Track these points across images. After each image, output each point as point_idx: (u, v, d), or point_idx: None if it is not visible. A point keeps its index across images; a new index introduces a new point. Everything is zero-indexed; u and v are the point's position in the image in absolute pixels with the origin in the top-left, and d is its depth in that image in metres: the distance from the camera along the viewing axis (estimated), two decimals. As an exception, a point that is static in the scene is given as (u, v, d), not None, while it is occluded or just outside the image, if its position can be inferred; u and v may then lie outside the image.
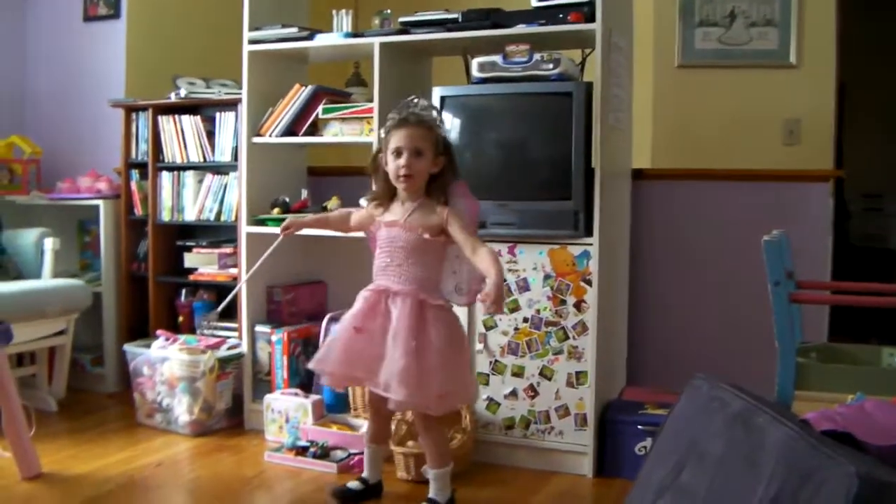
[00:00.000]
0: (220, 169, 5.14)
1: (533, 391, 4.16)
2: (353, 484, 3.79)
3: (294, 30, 4.60)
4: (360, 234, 3.82)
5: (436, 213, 3.47)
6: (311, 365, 3.67)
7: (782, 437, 2.13)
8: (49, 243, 5.18)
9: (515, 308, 4.16)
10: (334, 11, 4.59)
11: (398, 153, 3.43)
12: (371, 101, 4.45)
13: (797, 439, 2.09)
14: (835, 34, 4.93)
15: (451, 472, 3.66)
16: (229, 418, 4.80)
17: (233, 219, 5.02)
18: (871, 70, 8.02)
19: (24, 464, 3.98)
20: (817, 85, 4.93)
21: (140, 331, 5.34)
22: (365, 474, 3.83)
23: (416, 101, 3.53)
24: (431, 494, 3.61)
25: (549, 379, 4.12)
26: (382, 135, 3.57)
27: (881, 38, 8.15)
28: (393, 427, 4.09)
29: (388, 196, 3.57)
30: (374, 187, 3.67)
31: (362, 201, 4.42)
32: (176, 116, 5.22)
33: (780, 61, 4.98)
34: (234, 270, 4.99)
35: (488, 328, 4.21)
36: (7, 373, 3.94)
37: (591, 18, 3.99)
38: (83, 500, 3.74)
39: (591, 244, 4.01)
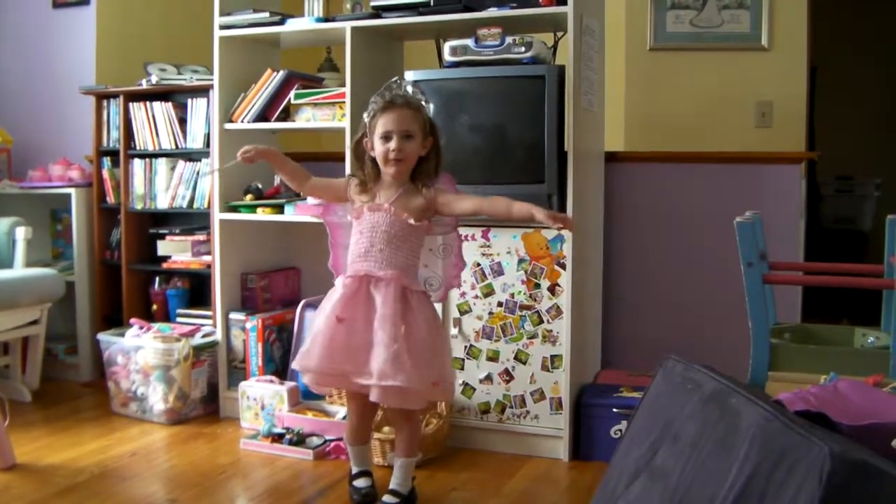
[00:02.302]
0: (192, 156, 5.11)
1: (508, 375, 4.16)
2: (362, 482, 3.67)
3: (265, 14, 4.57)
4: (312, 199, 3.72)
5: (421, 196, 3.43)
6: (294, 364, 3.58)
7: (756, 418, 2.14)
8: (21, 233, 5.15)
9: (490, 292, 4.16)
10: (305, -4, 4.58)
11: (387, 137, 3.37)
12: (343, 86, 4.44)
13: (771, 420, 2.09)
14: (806, 16, 4.94)
15: (416, 463, 3.63)
16: (204, 406, 4.79)
17: (206, 206, 4.99)
18: (842, 52, 8.05)
19: (-1, 454, 3.97)
20: (789, 67, 4.93)
21: (114, 319, 5.31)
22: (360, 468, 3.71)
23: (400, 82, 3.48)
24: (393, 485, 3.55)
25: (524, 363, 4.13)
26: (366, 118, 3.46)
27: (853, 19, 8.18)
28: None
29: (373, 181, 3.50)
30: (354, 172, 3.61)
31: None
32: (147, 103, 5.18)
33: (752, 44, 4.98)
34: (207, 258, 4.97)
35: (463, 313, 4.21)
36: (-20, 363, 3.92)
37: (563, 1, 3.98)
38: (58, 491, 3.73)
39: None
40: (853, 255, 7.24)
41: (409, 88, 3.47)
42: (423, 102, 3.48)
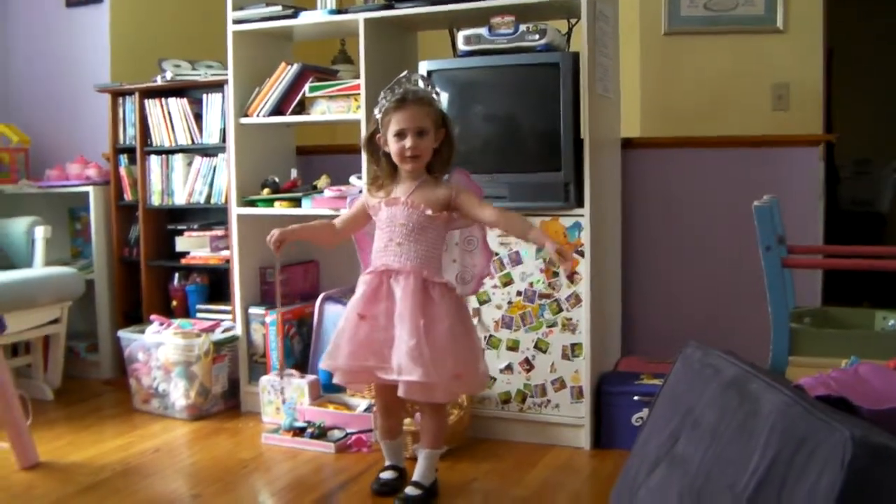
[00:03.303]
0: (208, 151, 5.11)
1: (528, 365, 4.15)
2: (388, 474, 3.68)
3: (278, 8, 4.57)
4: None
5: (441, 188, 3.43)
6: (321, 365, 3.57)
7: (777, 404, 2.13)
8: (40, 232, 5.16)
9: (508, 282, 4.15)
10: (318, -12, 4.57)
11: (401, 135, 3.36)
12: (357, 77, 4.43)
13: (792, 405, 2.09)
14: (821, -2, 4.92)
15: (440, 455, 3.63)
16: (226, 401, 4.80)
17: (223, 201, 4.99)
18: (859, 34, 8.00)
19: (22, 454, 3.97)
20: (805, 49, 4.91)
21: (134, 316, 5.32)
22: (391, 462, 3.72)
23: (409, 76, 3.46)
24: (416, 477, 3.54)
25: (544, 352, 4.12)
26: (378, 115, 3.45)
27: (870, 0, 8.14)
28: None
29: (389, 176, 3.49)
30: (369, 169, 3.61)
31: (352, 179, 4.42)
32: (163, 100, 5.19)
33: (768, 26, 4.96)
34: (225, 252, 4.97)
35: (482, 303, 4.20)
36: (2, 363, 3.92)
37: (576, -13, 3.98)
38: (81, 488, 3.74)
39: (582, 215, 4.00)
40: (871, 238, 7.22)
41: (420, 82, 3.46)
42: (434, 95, 3.47)
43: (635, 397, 4.03)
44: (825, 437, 1.91)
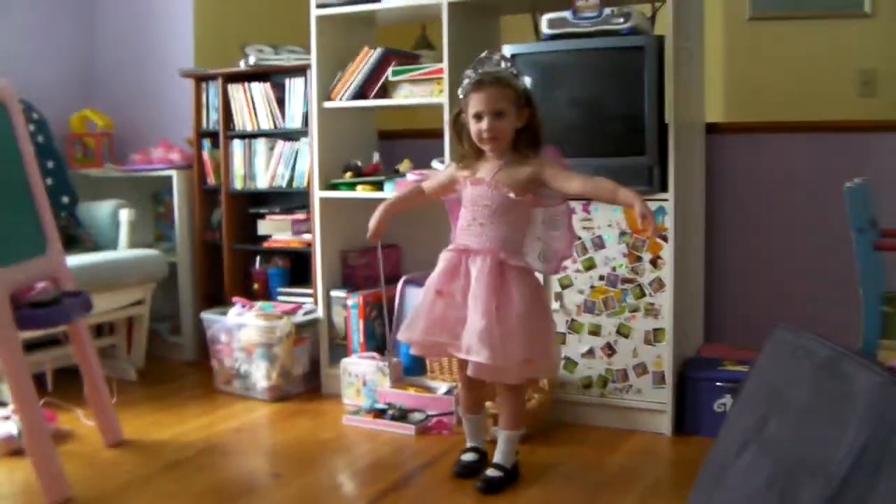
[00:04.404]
0: (290, 135, 5.14)
1: (610, 349, 4.14)
2: (469, 456, 3.70)
3: (361, -8, 4.60)
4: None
5: (526, 166, 3.42)
6: (399, 336, 3.64)
7: (871, 384, 2.09)
8: (125, 214, 5.23)
9: (591, 266, 4.13)
10: (401, -28, 4.58)
11: (479, 116, 3.37)
12: (439, 62, 4.44)
13: (888, 386, 2.05)
14: (912, -20, 4.83)
15: (520, 437, 3.63)
16: (306, 383, 4.84)
17: (304, 185, 5.02)
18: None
19: (108, 431, 4.04)
20: (893, 34, 4.82)
21: (216, 299, 5.37)
22: (472, 443, 3.73)
23: (490, 57, 3.45)
24: (497, 459, 3.55)
25: (627, 337, 4.10)
26: (461, 95, 3.47)
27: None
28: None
29: (474, 156, 3.50)
30: (456, 148, 3.64)
31: (434, 163, 4.43)
32: (245, 84, 5.23)
33: (855, 10, 4.88)
34: (307, 236, 5.00)
35: (564, 287, 4.19)
36: (89, 342, 3.99)
37: (662, -30, 3.95)
38: (166, 465, 3.80)
39: (666, 199, 3.96)
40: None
41: (502, 63, 3.45)
42: (513, 74, 3.45)
43: (718, 383, 4.00)
44: (924, 417, 1.89)
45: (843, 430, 2.10)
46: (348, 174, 4.69)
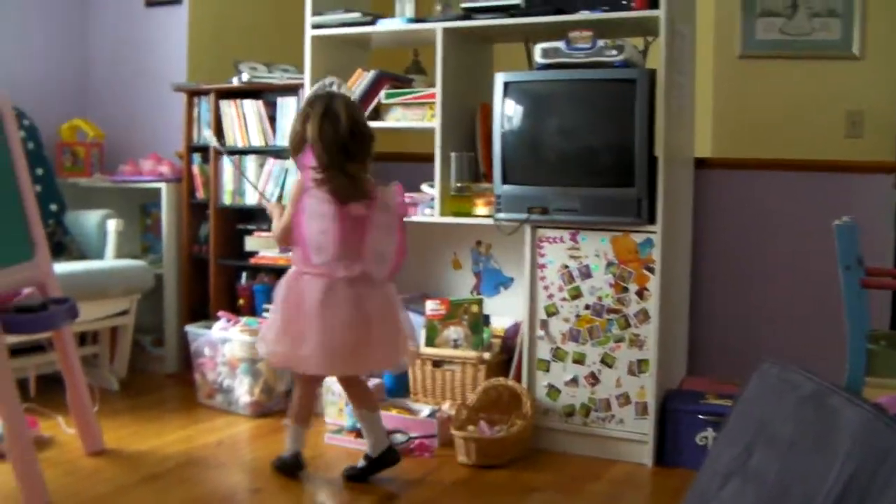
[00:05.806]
0: (281, 153, 5.15)
1: (594, 379, 4.16)
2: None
3: (357, 15, 4.62)
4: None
5: None
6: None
7: (857, 418, 2.12)
8: (112, 224, 5.24)
9: (577, 295, 4.16)
10: (396, -3, 4.62)
11: None
12: (432, 87, 4.47)
13: (873, 419, 2.08)
14: (900, 25, 4.88)
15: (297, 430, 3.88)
16: (289, 400, 4.81)
17: (293, 203, 5.02)
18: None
19: (89, 439, 4.05)
20: (881, 77, 4.87)
21: (200, 313, 5.38)
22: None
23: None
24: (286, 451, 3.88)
25: (611, 366, 4.12)
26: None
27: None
28: (453, 412, 4.13)
29: None
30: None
31: (424, 186, 4.45)
32: (238, 101, 5.24)
33: (843, 52, 4.92)
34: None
35: (550, 315, 4.21)
36: (73, 350, 3.99)
37: (655, 5, 3.98)
38: (145, 476, 3.82)
39: (654, 232, 4.00)
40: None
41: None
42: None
43: (700, 416, 4.02)
44: (910, 451, 1.91)
45: (830, 463, 2.12)
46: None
